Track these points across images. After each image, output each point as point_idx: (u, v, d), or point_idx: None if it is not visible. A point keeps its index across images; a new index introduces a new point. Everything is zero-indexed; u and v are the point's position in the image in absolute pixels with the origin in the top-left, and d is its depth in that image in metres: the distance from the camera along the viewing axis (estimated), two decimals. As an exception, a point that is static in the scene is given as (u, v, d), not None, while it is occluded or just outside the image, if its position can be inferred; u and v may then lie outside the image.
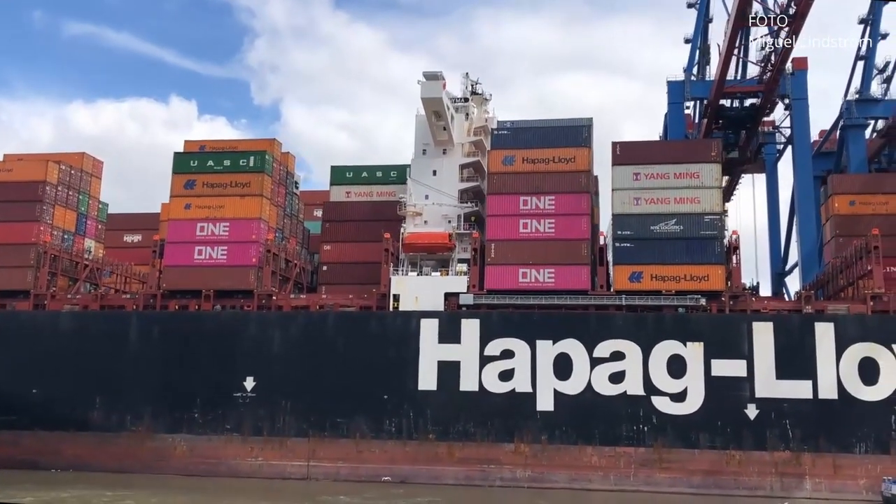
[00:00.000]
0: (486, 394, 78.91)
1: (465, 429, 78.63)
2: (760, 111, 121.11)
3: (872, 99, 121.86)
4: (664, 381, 76.68)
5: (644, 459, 75.86)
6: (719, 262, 79.59)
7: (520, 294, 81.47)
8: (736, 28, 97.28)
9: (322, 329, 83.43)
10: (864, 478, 72.63)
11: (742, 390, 75.58)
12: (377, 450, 79.39)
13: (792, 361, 75.36)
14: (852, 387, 74.28)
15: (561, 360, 78.38)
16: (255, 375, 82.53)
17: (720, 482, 74.16)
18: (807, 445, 73.98)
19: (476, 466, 77.72)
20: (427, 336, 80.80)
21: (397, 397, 79.90)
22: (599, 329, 78.70)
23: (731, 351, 76.46)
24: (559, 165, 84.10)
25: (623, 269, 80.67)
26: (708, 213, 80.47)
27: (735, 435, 75.01)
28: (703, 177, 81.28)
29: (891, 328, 75.58)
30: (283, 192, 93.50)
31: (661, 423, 76.16)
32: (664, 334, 77.62)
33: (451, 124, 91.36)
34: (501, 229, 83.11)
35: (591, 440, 76.83)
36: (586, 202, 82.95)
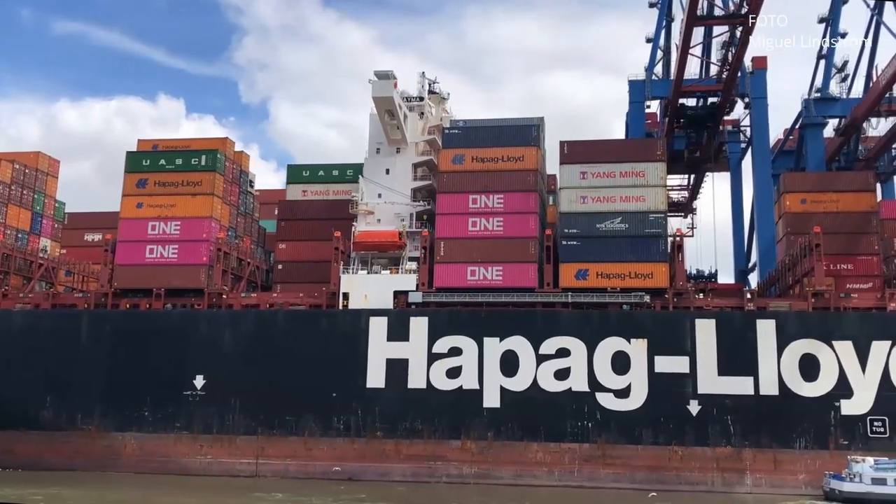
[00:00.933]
0: (434, 391, 79.44)
1: (413, 426, 79.14)
2: (720, 110, 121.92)
3: (831, 98, 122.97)
4: (608, 378, 77.42)
5: (588, 455, 76.58)
6: (663, 260, 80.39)
7: (468, 292, 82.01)
8: (689, 27, 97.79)
9: (272, 327, 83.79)
10: (803, 473, 73.63)
11: (685, 387, 76.40)
12: (325, 447, 79.85)
13: (734, 358, 76.22)
14: (793, 383, 75.19)
15: (508, 358, 79.02)
16: (205, 374, 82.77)
17: (663, 478, 74.95)
18: (748, 441, 74.89)
19: (423, 463, 78.27)
20: (376, 334, 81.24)
21: (346, 395, 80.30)
22: (546, 326, 79.36)
23: (675, 348, 77.27)
24: (508, 164, 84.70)
25: (569, 266, 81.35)
26: (653, 211, 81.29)
27: (677, 431, 75.82)
28: (648, 176, 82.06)
29: (831, 325, 76.54)
30: (236, 190, 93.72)
31: (605, 419, 76.88)
32: (609, 331, 78.37)
33: (405, 123, 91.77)
34: (450, 228, 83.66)
35: (536, 436, 77.48)
36: (534, 201, 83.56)
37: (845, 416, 74.04)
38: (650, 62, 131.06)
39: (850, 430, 73.84)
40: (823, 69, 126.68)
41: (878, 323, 76.27)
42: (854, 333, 75.37)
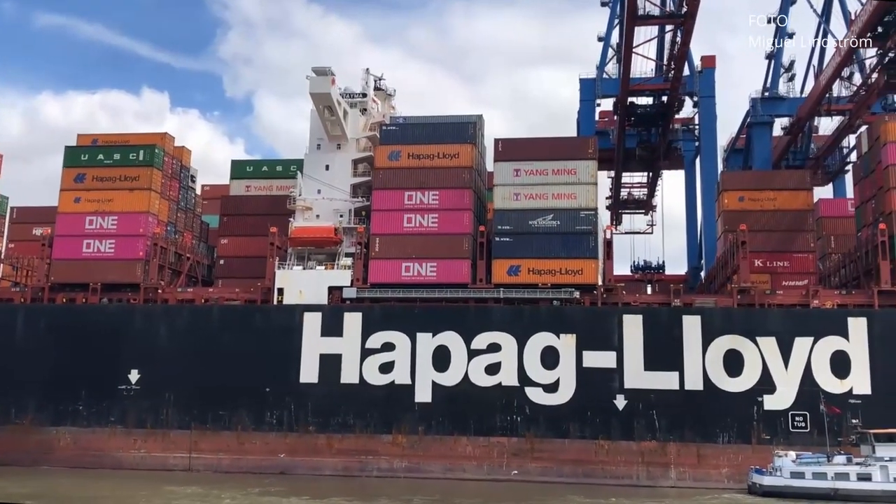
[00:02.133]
0: (367, 386, 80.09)
1: (345, 421, 79.78)
2: (669, 108, 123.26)
3: (778, 97, 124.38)
4: (538, 373, 78.29)
5: (517, 449, 77.45)
6: (593, 257, 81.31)
7: (402, 287, 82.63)
8: (630, 26, 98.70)
9: (206, 322, 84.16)
10: (726, 467, 74.77)
11: (611, 381, 77.40)
12: (258, 441, 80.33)
13: (660, 353, 77.29)
14: (717, 378, 76.34)
15: (440, 353, 79.75)
16: (139, 368, 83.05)
17: (589, 471, 75.93)
18: (672, 435, 75.99)
19: (354, 458, 78.90)
20: (309, 329, 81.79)
21: (279, 390, 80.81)
22: (477, 322, 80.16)
23: (602, 343, 78.26)
24: (443, 161, 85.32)
25: (502, 262, 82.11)
26: (583, 208, 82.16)
27: (604, 425, 76.84)
28: (580, 173, 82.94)
29: (755, 321, 77.77)
30: (176, 186, 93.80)
31: (534, 413, 77.78)
32: (539, 326, 79.22)
33: (345, 120, 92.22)
34: (386, 224, 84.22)
35: (466, 431, 78.31)
36: (469, 197, 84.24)
37: (768, 411, 75.29)
38: (601, 60, 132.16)
39: (772, 424, 75.11)
40: (772, 69, 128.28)
41: (802, 320, 77.56)
42: (778, 330, 76.63)
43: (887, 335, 75.32)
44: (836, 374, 74.98)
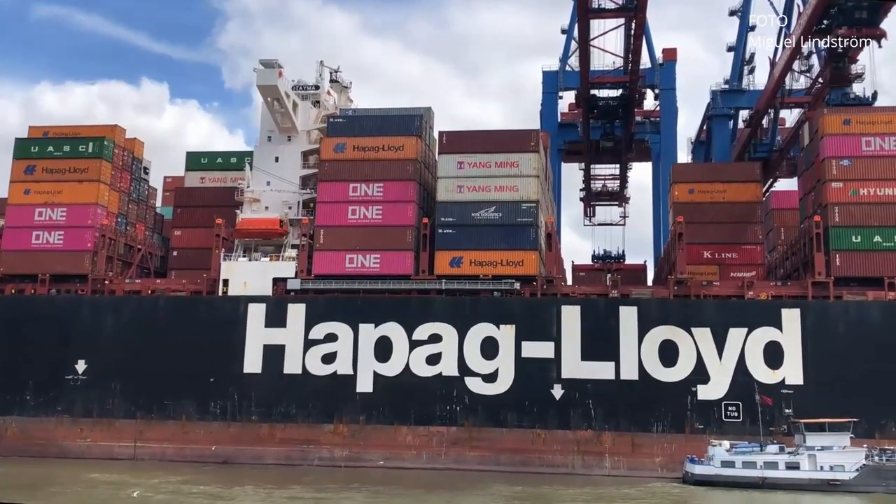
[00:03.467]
0: (309, 376, 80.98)
1: (287, 410, 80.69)
2: (631, 101, 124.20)
3: (738, 90, 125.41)
4: (477, 363, 79.16)
5: (455, 438, 78.41)
6: (534, 248, 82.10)
7: (346, 279, 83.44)
8: (582, 20, 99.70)
9: (153, 313, 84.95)
10: (660, 456, 75.77)
11: (549, 371, 78.30)
12: (202, 431, 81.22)
13: (597, 343, 78.17)
14: (652, 368, 77.27)
15: (382, 343, 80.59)
16: (86, 358, 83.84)
17: (526, 460, 76.85)
18: (608, 425, 76.94)
19: (296, 447, 79.78)
20: (254, 320, 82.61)
21: (223, 380, 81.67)
22: (419, 313, 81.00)
23: (541, 333, 79.08)
24: (388, 153, 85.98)
25: (444, 254, 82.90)
26: (525, 200, 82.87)
27: (541, 414, 77.78)
28: (522, 166, 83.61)
29: (691, 312, 78.67)
30: (127, 177, 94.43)
31: (473, 403, 78.69)
32: (479, 317, 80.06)
33: (294, 112, 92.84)
34: (330, 216, 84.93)
35: (406, 420, 79.24)
36: (413, 190, 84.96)
37: (701, 401, 76.25)
38: (564, 53, 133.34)
39: (705, 414, 76.10)
40: (733, 61, 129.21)
41: (736, 311, 78.46)
42: (712, 321, 77.51)
43: (820, 326, 76.29)
44: (770, 364, 75.92)
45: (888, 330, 75.20)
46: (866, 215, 78.18)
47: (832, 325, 76.34)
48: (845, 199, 78.72)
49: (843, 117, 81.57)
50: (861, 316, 76.26)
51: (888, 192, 78.39)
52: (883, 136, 79.60)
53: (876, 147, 79.50)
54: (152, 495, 61.77)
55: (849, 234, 78.15)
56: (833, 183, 79.16)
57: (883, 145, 79.43)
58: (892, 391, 73.66)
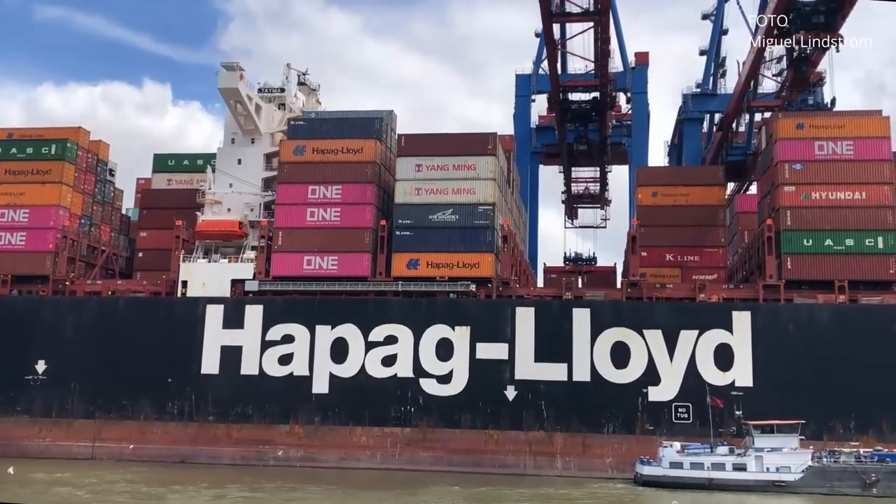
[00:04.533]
0: (266, 377, 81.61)
1: (244, 411, 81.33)
2: (603, 104, 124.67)
3: (709, 94, 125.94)
4: (432, 364, 79.76)
5: (409, 439, 78.98)
6: (490, 251, 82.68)
7: (304, 281, 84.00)
8: (545, 24, 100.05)
9: (112, 314, 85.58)
10: (610, 457, 76.30)
11: (503, 372, 78.86)
12: (159, 431, 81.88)
13: (550, 345, 78.74)
14: (604, 370, 77.80)
15: (338, 345, 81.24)
16: (46, 359, 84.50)
17: (479, 460, 77.36)
18: (559, 425, 77.50)
19: (252, 447, 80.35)
20: (212, 321, 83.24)
21: (181, 380, 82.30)
22: (375, 314, 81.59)
23: (495, 335, 79.66)
24: (347, 156, 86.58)
25: (401, 256, 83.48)
26: (481, 203, 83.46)
27: (494, 415, 78.34)
28: (479, 169, 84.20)
29: (642, 314, 79.19)
30: (91, 179, 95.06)
31: (427, 404, 79.27)
32: (435, 319, 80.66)
33: (257, 114, 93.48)
34: (289, 217, 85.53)
35: (361, 421, 79.82)
36: (371, 192, 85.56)
37: (652, 403, 76.79)
38: (537, 56, 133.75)
39: (656, 415, 76.62)
40: (705, 65, 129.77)
41: (688, 313, 78.98)
42: (664, 323, 78.03)
43: (770, 328, 76.82)
44: (720, 366, 76.47)
45: (837, 333, 75.71)
46: (818, 219, 78.70)
47: (782, 328, 76.87)
48: (797, 202, 79.26)
49: (797, 121, 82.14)
50: (811, 319, 76.81)
51: (840, 196, 78.91)
52: (836, 140, 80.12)
53: (829, 151, 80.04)
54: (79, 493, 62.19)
55: (800, 237, 78.68)
56: (786, 187, 79.72)
57: (835, 149, 79.95)
58: (841, 394, 74.12)
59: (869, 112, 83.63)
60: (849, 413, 74.27)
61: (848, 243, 77.81)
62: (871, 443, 72.12)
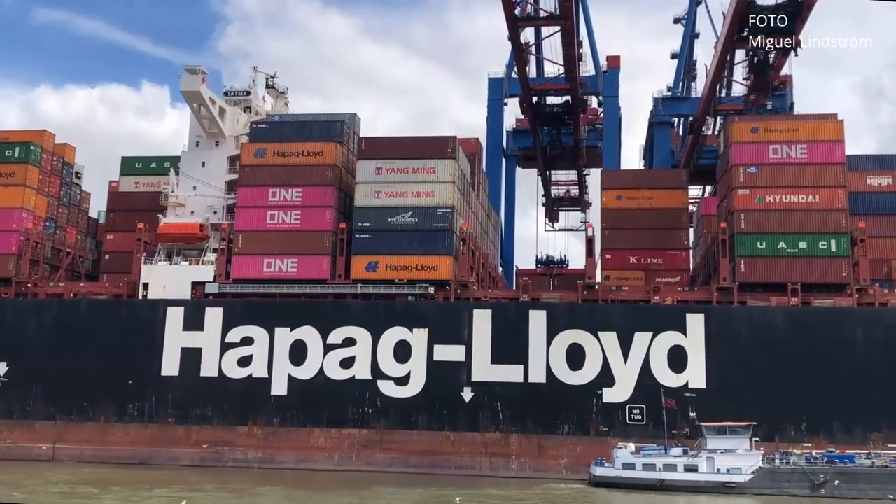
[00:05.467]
0: (225, 379, 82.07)
1: (204, 413, 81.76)
2: (574, 108, 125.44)
3: (679, 97, 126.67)
4: (390, 366, 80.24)
5: (367, 440, 79.48)
6: (448, 253, 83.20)
7: (264, 283, 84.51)
8: (511, 28, 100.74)
9: (74, 316, 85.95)
10: (565, 458, 76.89)
11: (460, 374, 79.37)
12: (120, 432, 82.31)
13: (507, 347, 79.24)
14: (560, 371, 78.31)
15: (297, 347, 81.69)
16: (8, 360, 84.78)
17: (435, 462, 77.84)
18: (515, 427, 78.03)
19: (211, 448, 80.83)
20: (172, 323, 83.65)
21: (141, 382, 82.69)
22: (334, 317, 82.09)
23: (453, 337, 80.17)
24: (307, 159, 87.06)
25: (361, 258, 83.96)
26: (441, 206, 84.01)
27: (451, 417, 78.84)
28: (439, 172, 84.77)
29: (598, 316, 79.77)
30: (56, 182, 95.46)
31: (385, 405, 79.76)
32: (393, 321, 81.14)
33: (221, 118, 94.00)
34: (249, 220, 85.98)
35: (319, 423, 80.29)
36: (331, 195, 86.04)
37: (606, 404, 77.32)
38: (510, 60, 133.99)
39: (610, 417, 77.16)
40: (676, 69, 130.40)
41: (642, 315, 79.56)
42: (619, 325, 78.58)
43: (723, 331, 77.44)
44: (673, 368, 77.06)
45: (790, 335, 76.31)
46: (772, 222, 79.38)
47: (735, 330, 77.51)
48: (751, 205, 79.94)
49: (752, 125, 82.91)
50: (764, 321, 77.45)
51: (794, 199, 79.61)
52: (790, 144, 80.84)
53: (783, 155, 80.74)
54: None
55: (754, 240, 79.34)
56: (740, 190, 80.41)
57: (790, 153, 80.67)
58: (793, 396, 74.75)
59: (824, 116, 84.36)
60: (801, 415, 74.86)
61: (801, 246, 78.49)
62: (822, 444, 72.63)
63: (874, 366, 74.64)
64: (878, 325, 76.41)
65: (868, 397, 74.12)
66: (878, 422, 73.66)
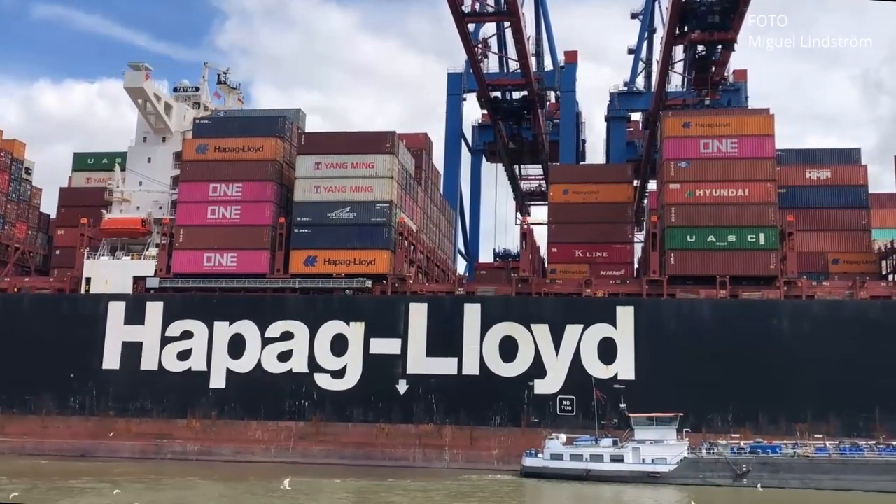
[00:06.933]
0: (165, 372, 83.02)
1: (143, 406, 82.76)
2: (532, 104, 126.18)
3: (635, 92, 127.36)
4: (327, 359, 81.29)
5: (303, 433, 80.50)
6: (386, 248, 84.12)
7: (204, 277, 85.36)
8: (458, 24, 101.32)
9: (17, 311, 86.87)
10: (497, 449, 77.89)
11: (395, 367, 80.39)
12: (61, 425, 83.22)
13: (442, 340, 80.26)
14: (493, 363, 79.31)
15: (235, 341, 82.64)
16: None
17: (370, 454, 78.87)
18: (448, 419, 79.07)
19: (151, 441, 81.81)
20: (114, 318, 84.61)
21: (83, 376, 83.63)
22: (272, 311, 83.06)
23: (389, 330, 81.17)
24: (248, 154, 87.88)
25: (299, 253, 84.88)
26: (379, 201, 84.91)
27: (386, 409, 79.85)
28: (377, 167, 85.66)
29: (531, 309, 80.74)
30: (5, 177, 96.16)
31: (321, 398, 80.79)
32: (330, 315, 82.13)
33: (168, 113, 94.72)
34: (190, 215, 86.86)
35: (256, 415, 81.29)
36: (271, 190, 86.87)
37: (538, 395, 78.34)
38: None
39: (541, 408, 78.18)
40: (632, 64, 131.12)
41: (574, 307, 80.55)
42: (551, 317, 79.58)
43: (652, 323, 78.47)
44: (603, 360, 78.07)
45: (717, 327, 77.37)
46: (702, 216, 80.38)
47: (664, 323, 78.58)
48: (682, 199, 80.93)
49: (684, 120, 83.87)
50: (692, 313, 78.51)
51: (723, 193, 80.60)
52: (720, 139, 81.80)
53: (714, 149, 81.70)
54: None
55: (684, 233, 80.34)
56: (671, 184, 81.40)
57: (720, 147, 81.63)
58: (719, 387, 75.73)
59: (755, 110, 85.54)
60: (727, 406, 76.00)
61: (730, 239, 79.52)
62: (748, 435, 73.76)
63: (800, 357, 75.62)
64: (804, 317, 77.48)
65: (794, 388, 75.12)
66: (803, 412, 74.73)
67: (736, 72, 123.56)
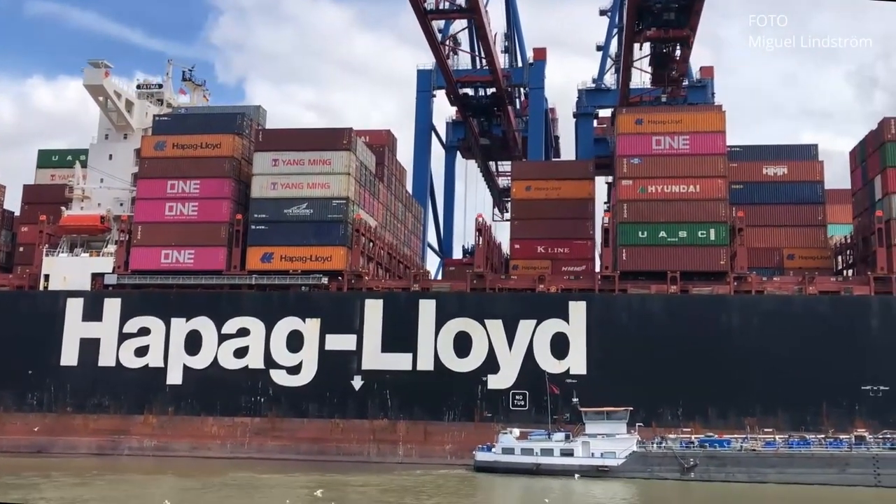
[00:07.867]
0: (123, 369, 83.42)
1: (101, 402, 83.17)
2: (500, 100, 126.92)
3: (602, 89, 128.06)
4: (283, 356, 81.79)
5: (259, 428, 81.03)
6: (342, 244, 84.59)
7: (162, 274, 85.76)
8: (421, 21, 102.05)
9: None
10: (450, 443, 78.57)
11: (350, 363, 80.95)
12: (19, 422, 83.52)
13: (397, 336, 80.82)
14: (447, 359, 79.97)
15: (192, 337, 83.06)
16: None
17: (324, 449, 79.46)
18: (403, 414, 79.65)
19: (108, 437, 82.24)
20: (72, 314, 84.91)
21: (41, 372, 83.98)
22: (229, 307, 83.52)
23: (344, 326, 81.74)
24: (206, 151, 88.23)
25: (256, 250, 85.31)
26: (336, 197, 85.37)
27: (340, 405, 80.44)
28: (334, 164, 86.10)
29: (485, 305, 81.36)
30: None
31: (277, 394, 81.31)
32: (286, 311, 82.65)
33: (130, 110, 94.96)
34: (148, 212, 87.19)
35: (213, 411, 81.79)
36: (228, 187, 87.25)
37: (491, 390, 79.02)
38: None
39: (494, 403, 78.87)
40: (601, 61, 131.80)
41: (527, 303, 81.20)
42: (504, 313, 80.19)
43: (603, 318, 79.17)
44: (556, 354, 78.73)
45: (668, 322, 78.10)
46: (653, 212, 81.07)
47: (615, 318, 79.28)
48: (634, 196, 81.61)
49: (636, 117, 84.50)
50: (643, 309, 79.26)
51: (675, 190, 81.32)
52: (672, 136, 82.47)
53: (665, 146, 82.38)
54: None
55: (635, 229, 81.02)
56: (623, 181, 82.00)
57: (672, 144, 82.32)
58: (670, 381, 76.46)
59: (707, 107, 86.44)
60: (677, 400, 76.74)
61: (681, 235, 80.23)
62: (698, 429, 74.50)
63: (749, 352, 76.38)
64: (753, 312, 78.29)
65: (743, 383, 76.00)
66: (752, 406, 75.62)
67: (703, 68, 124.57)
